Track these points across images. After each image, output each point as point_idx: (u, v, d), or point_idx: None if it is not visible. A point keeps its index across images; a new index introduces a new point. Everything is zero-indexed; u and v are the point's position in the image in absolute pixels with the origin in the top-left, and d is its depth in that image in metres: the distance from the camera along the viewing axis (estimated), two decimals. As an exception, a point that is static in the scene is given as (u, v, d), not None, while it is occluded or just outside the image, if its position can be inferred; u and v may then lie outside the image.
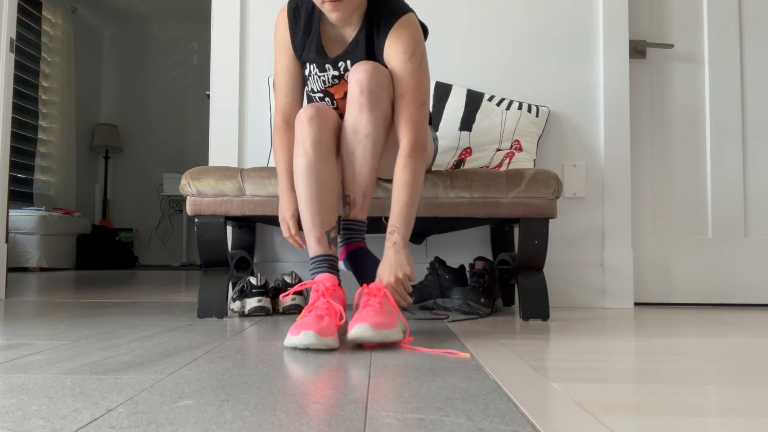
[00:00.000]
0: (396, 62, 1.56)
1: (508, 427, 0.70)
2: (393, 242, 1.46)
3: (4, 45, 2.57)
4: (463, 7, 2.49)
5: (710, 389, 0.93)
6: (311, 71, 1.68)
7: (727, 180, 2.56)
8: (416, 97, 1.55)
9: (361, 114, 1.50)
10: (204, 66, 7.22)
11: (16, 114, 5.64)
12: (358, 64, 1.52)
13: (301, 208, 1.50)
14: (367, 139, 1.51)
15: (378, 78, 1.50)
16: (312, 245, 1.49)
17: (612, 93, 2.44)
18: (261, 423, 0.72)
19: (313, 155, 1.48)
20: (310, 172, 1.48)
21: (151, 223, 7.14)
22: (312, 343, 1.21)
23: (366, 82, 1.49)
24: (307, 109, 1.52)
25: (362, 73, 1.50)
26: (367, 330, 1.23)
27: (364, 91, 1.49)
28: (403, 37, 1.56)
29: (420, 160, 1.53)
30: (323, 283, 1.36)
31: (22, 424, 0.71)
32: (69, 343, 1.32)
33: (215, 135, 2.43)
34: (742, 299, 2.54)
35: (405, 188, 1.49)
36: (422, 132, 1.56)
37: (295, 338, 1.22)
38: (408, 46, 1.55)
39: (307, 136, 1.49)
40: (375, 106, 1.50)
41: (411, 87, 1.55)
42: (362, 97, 1.49)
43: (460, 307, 1.97)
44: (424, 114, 1.58)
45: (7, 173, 2.60)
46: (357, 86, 1.50)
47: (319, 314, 1.28)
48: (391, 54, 1.57)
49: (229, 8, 2.46)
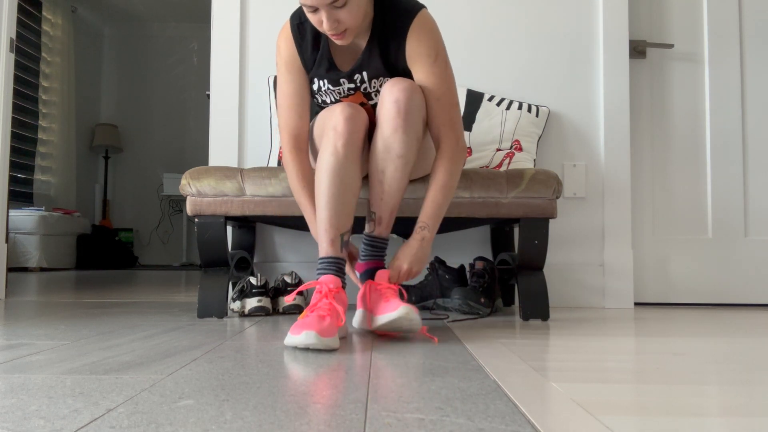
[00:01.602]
0: (422, 68, 1.54)
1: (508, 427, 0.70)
2: (422, 237, 1.51)
3: (4, 45, 2.57)
4: (463, 7, 2.49)
5: (710, 389, 0.93)
6: (320, 86, 1.65)
7: (727, 180, 2.56)
8: (449, 99, 1.55)
9: (395, 134, 1.48)
10: (204, 66, 7.22)
11: (16, 114, 5.64)
12: (394, 81, 1.50)
13: (320, 206, 1.47)
14: (399, 160, 1.49)
15: (416, 100, 1.49)
16: (324, 245, 1.47)
17: (612, 93, 2.45)
18: (261, 423, 0.72)
19: (343, 156, 1.45)
20: (338, 173, 1.45)
21: (151, 223, 7.14)
22: (313, 343, 1.21)
23: (405, 103, 1.47)
24: (344, 107, 1.48)
25: (401, 92, 1.47)
26: (410, 311, 1.35)
27: (401, 111, 1.47)
28: (425, 39, 1.54)
29: (460, 164, 1.56)
30: (327, 285, 1.36)
31: (22, 424, 0.71)
32: (69, 343, 1.32)
33: (215, 135, 2.43)
34: (742, 299, 2.54)
35: (442, 189, 1.53)
36: (461, 133, 1.58)
37: (296, 338, 1.23)
38: (431, 48, 1.54)
39: (340, 136, 1.46)
40: (410, 127, 1.48)
41: (442, 90, 1.54)
42: (399, 118, 1.47)
43: (460, 307, 1.97)
44: (459, 114, 1.59)
45: (7, 173, 2.60)
46: (395, 106, 1.47)
47: (321, 314, 1.28)
48: (416, 59, 1.54)
49: (229, 8, 2.45)
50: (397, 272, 1.49)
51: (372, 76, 1.60)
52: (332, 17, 1.41)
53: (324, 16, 1.41)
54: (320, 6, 1.40)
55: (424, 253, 1.51)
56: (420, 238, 1.51)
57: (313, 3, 1.39)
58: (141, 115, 7.18)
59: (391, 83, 1.50)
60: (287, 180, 1.83)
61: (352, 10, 1.42)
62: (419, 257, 1.50)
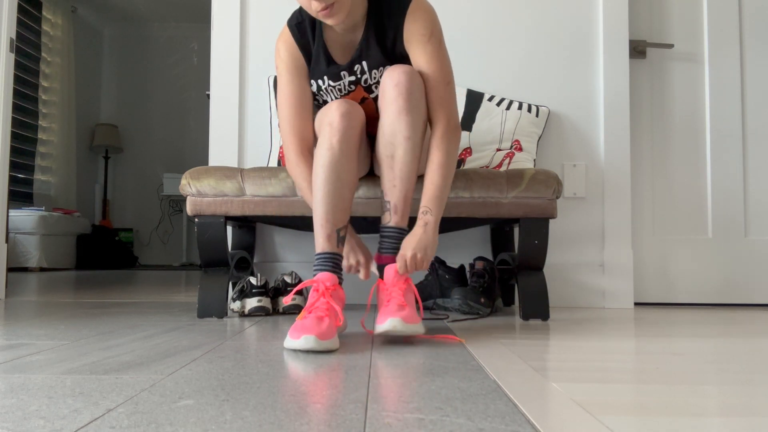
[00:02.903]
0: (416, 47, 1.55)
1: (508, 427, 0.70)
2: (425, 222, 1.47)
3: (4, 45, 2.57)
4: (462, 7, 2.49)
5: (710, 389, 0.93)
6: (320, 86, 1.65)
7: (727, 180, 2.56)
8: (442, 77, 1.55)
9: (400, 116, 1.47)
10: (204, 66, 7.22)
11: (16, 114, 5.64)
12: (393, 67, 1.50)
13: (316, 202, 1.46)
14: (407, 142, 1.47)
15: (416, 81, 1.49)
16: (320, 241, 1.45)
17: (612, 93, 2.44)
18: (261, 423, 0.72)
19: (338, 151, 1.45)
20: (334, 168, 1.45)
21: (151, 223, 7.14)
22: (312, 347, 1.22)
23: (406, 84, 1.47)
24: (339, 104, 1.49)
25: (401, 75, 1.48)
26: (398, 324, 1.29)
27: (404, 93, 1.46)
28: (419, 20, 1.55)
29: (454, 143, 1.54)
30: (323, 283, 1.36)
31: (22, 424, 0.71)
32: (69, 343, 1.32)
33: (215, 135, 2.42)
34: (742, 299, 2.54)
35: (439, 170, 1.50)
36: (454, 112, 1.56)
37: (296, 342, 1.23)
38: (425, 28, 1.55)
39: (336, 132, 1.46)
40: (414, 107, 1.47)
41: (434, 68, 1.54)
42: (401, 98, 1.46)
43: (460, 307, 1.97)
44: (452, 93, 1.57)
45: (7, 173, 2.60)
46: (396, 89, 1.47)
47: (320, 315, 1.28)
48: (411, 39, 1.56)
49: (229, 8, 2.45)
50: (403, 262, 1.43)
51: (372, 65, 1.61)
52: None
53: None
54: None
55: (429, 238, 1.46)
56: (423, 224, 1.47)
57: None
58: (141, 115, 7.18)
59: (390, 69, 1.51)
60: (287, 180, 1.83)
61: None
62: (424, 243, 1.45)
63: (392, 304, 1.36)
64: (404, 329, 1.30)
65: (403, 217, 1.50)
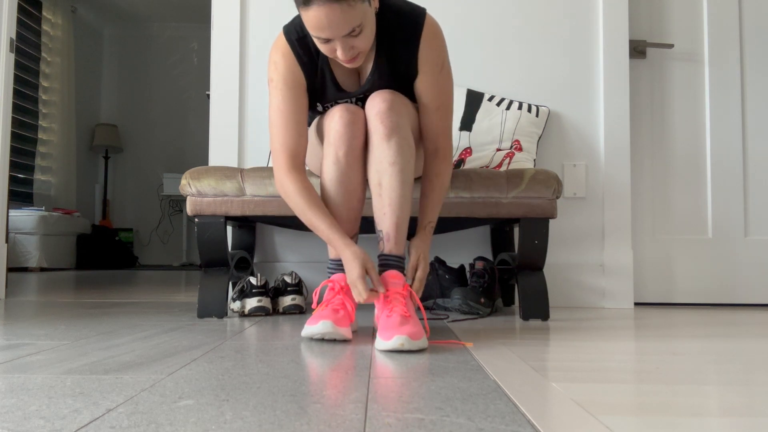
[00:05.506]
0: (428, 75, 1.54)
1: (508, 427, 0.70)
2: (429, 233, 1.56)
3: (4, 45, 2.57)
4: (462, 7, 2.49)
5: (710, 389, 0.93)
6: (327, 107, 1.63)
7: (727, 180, 2.56)
8: (448, 108, 1.59)
9: (382, 143, 1.45)
10: (204, 66, 7.22)
11: (16, 114, 5.64)
12: (375, 95, 1.49)
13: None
14: (392, 167, 1.44)
15: (397, 107, 1.46)
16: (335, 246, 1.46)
17: (612, 93, 2.44)
18: (261, 423, 0.72)
19: (345, 164, 1.46)
20: (341, 181, 1.47)
21: (151, 223, 7.14)
22: (329, 332, 1.32)
23: (385, 112, 1.45)
24: (342, 112, 1.47)
25: (381, 103, 1.46)
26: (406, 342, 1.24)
27: (385, 120, 1.45)
28: (434, 48, 1.54)
29: (451, 166, 1.62)
30: (339, 283, 1.45)
31: (22, 424, 0.71)
32: (69, 343, 1.32)
33: (215, 135, 2.42)
34: (742, 299, 2.54)
35: (441, 192, 1.58)
36: (451, 139, 1.63)
37: (314, 327, 1.34)
38: (439, 57, 1.55)
39: (342, 144, 1.45)
40: (395, 132, 1.45)
41: (442, 100, 1.57)
42: (382, 126, 1.45)
43: (460, 307, 1.97)
44: (452, 118, 1.64)
45: (7, 173, 2.60)
46: (377, 118, 1.45)
47: (335, 308, 1.39)
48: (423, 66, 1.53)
49: (229, 8, 2.45)
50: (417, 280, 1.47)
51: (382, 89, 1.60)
52: (347, 45, 1.38)
53: (339, 45, 1.37)
54: (336, 38, 1.35)
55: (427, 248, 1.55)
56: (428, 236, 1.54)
57: (329, 36, 1.34)
58: (141, 115, 7.18)
59: (371, 97, 1.49)
60: None
61: (366, 35, 1.38)
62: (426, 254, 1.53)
63: (395, 316, 1.30)
64: (411, 347, 1.24)
65: (398, 244, 1.46)
